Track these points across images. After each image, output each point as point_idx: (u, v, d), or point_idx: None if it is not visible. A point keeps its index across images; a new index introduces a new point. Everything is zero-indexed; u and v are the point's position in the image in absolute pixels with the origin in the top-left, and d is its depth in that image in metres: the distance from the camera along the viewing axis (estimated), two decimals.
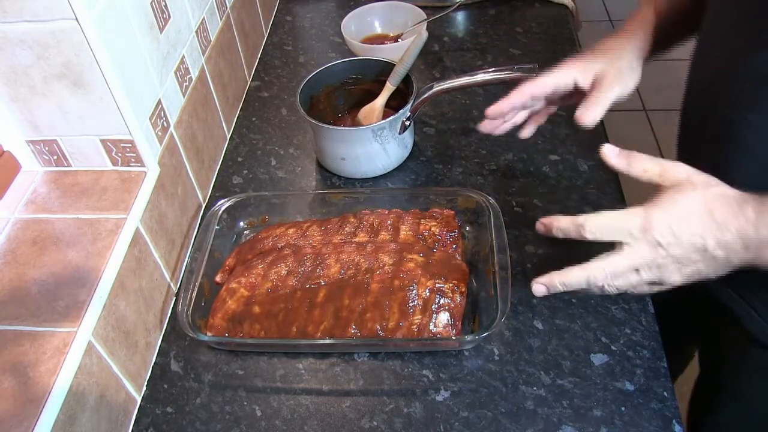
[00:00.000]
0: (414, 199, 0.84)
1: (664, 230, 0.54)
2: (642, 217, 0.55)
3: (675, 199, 0.55)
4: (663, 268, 0.56)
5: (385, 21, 1.14)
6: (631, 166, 0.58)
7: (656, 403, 0.65)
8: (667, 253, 0.54)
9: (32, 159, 0.73)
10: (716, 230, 0.53)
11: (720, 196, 0.54)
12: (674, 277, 0.56)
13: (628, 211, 0.56)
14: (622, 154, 0.59)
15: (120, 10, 0.65)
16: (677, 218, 0.54)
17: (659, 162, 0.57)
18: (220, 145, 0.97)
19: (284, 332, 0.70)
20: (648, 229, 0.54)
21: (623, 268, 0.56)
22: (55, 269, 0.63)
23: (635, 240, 0.55)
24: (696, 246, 0.54)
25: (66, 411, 0.56)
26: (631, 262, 0.55)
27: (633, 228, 0.54)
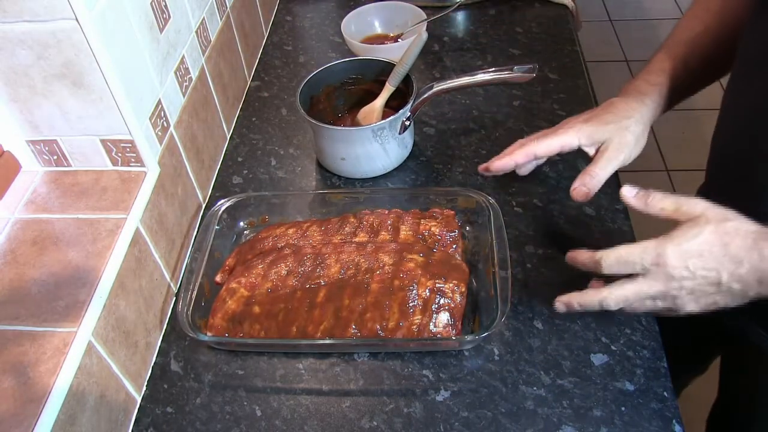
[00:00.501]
0: (414, 199, 0.84)
1: (678, 264, 0.55)
2: (655, 250, 0.56)
3: (689, 233, 0.56)
4: (678, 299, 0.57)
5: (385, 21, 1.14)
6: (648, 206, 0.60)
7: (656, 403, 0.65)
8: (681, 286, 0.56)
9: (32, 159, 0.73)
10: (730, 264, 0.54)
11: (735, 230, 0.54)
12: (690, 306, 0.58)
13: (642, 244, 0.57)
14: (640, 195, 0.61)
15: (120, 10, 0.65)
16: (691, 252, 0.55)
17: (675, 199, 0.58)
18: (220, 145, 0.97)
19: (284, 332, 0.70)
20: (661, 264, 0.56)
21: (636, 298, 0.58)
22: (55, 269, 0.63)
23: (649, 273, 0.56)
24: (710, 280, 0.55)
25: (66, 411, 0.56)
26: (644, 292, 0.57)
27: (647, 262, 0.56)
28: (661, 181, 2.16)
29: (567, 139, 0.71)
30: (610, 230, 0.82)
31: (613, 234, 0.81)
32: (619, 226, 0.82)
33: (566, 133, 0.71)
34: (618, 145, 0.69)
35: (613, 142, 0.69)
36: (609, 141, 0.69)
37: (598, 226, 0.82)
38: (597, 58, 2.64)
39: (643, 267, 0.57)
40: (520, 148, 0.72)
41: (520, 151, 0.72)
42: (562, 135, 0.71)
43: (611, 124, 0.70)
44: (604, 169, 0.69)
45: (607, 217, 0.83)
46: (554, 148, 0.71)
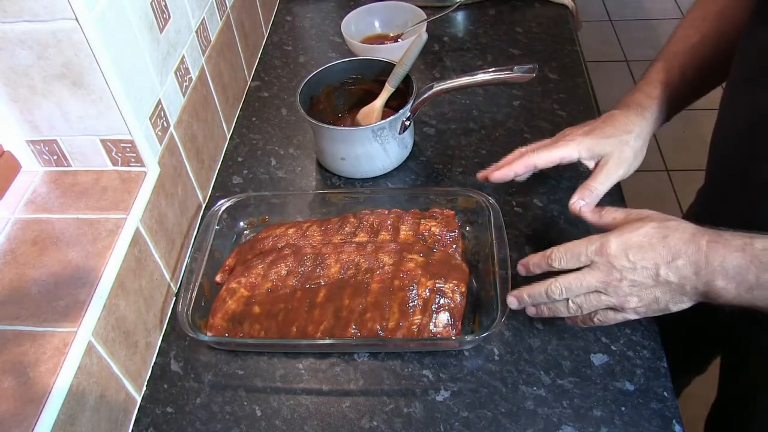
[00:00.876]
0: (414, 199, 0.84)
1: (619, 254, 0.58)
2: (599, 242, 0.59)
3: (631, 227, 0.59)
4: (619, 290, 0.59)
5: (385, 21, 1.14)
6: (602, 218, 0.65)
7: (656, 403, 0.65)
8: (622, 276, 0.58)
9: (32, 159, 0.73)
10: (668, 255, 0.57)
11: (675, 226, 0.58)
12: (632, 301, 0.59)
13: (588, 237, 0.61)
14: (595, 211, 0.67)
15: (120, 11, 0.65)
16: (631, 243, 0.58)
17: (626, 210, 0.64)
18: (220, 145, 0.97)
19: (284, 332, 0.70)
20: (604, 253, 0.59)
21: (579, 286, 0.60)
22: (55, 269, 0.63)
23: (594, 264, 0.60)
24: (648, 270, 0.57)
25: (66, 411, 0.56)
26: (586, 282, 0.60)
27: (591, 252, 0.60)
28: (661, 181, 2.16)
29: (567, 152, 0.71)
30: None
31: None
32: None
33: (566, 146, 0.71)
34: (618, 160, 0.70)
35: (612, 156, 0.70)
36: (609, 155, 0.70)
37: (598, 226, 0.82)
38: (597, 58, 2.64)
39: (588, 257, 0.60)
40: (519, 159, 0.72)
41: (519, 162, 0.72)
42: (562, 147, 0.71)
43: (611, 138, 0.70)
44: (603, 183, 0.70)
45: None
46: (554, 160, 0.72)
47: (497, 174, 0.73)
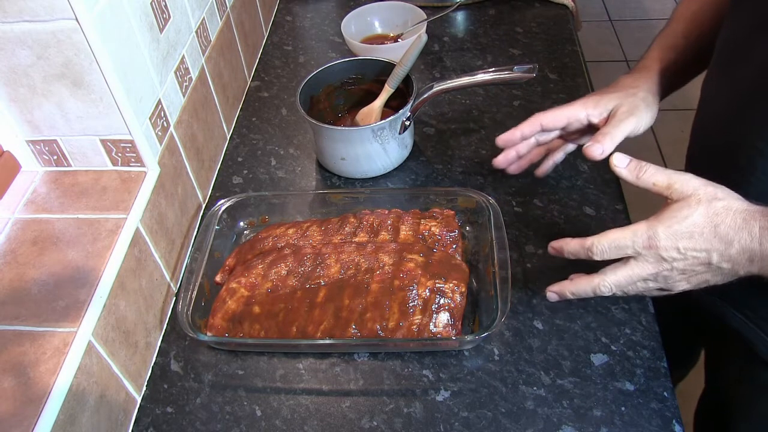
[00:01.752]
0: (414, 199, 0.84)
1: (669, 246, 0.55)
2: (646, 235, 0.56)
3: (679, 215, 0.56)
4: (669, 279, 0.58)
5: (385, 21, 1.14)
6: (640, 179, 0.59)
7: (656, 403, 0.65)
8: (672, 267, 0.56)
9: (32, 159, 0.73)
10: (720, 245, 0.54)
11: (726, 209, 0.54)
12: (681, 285, 0.58)
13: (632, 228, 0.57)
14: (632, 166, 0.60)
15: (120, 11, 0.65)
16: (681, 234, 0.55)
17: (668, 175, 0.58)
18: (220, 145, 0.97)
19: (284, 332, 0.70)
20: (653, 246, 0.56)
21: (628, 281, 0.58)
22: (55, 269, 0.63)
23: (641, 256, 0.57)
24: (700, 260, 0.55)
25: (66, 411, 0.56)
26: (636, 275, 0.58)
27: (638, 246, 0.56)
28: None
29: (573, 110, 0.70)
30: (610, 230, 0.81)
31: None
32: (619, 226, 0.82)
33: (572, 105, 0.70)
34: (628, 109, 0.68)
35: (622, 106, 0.68)
36: (618, 106, 0.69)
37: (598, 226, 0.82)
38: (597, 58, 2.64)
39: (635, 251, 0.57)
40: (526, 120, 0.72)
41: (526, 122, 0.72)
42: (567, 106, 0.71)
43: (618, 92, 0.70)
44: (617, 127, 0.67)
45: (607, 217, 0.83)
46: (560, 120, 0.71)
47: (504, 136, 0.73)
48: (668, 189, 0.57)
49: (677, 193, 0.57)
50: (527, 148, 0.77)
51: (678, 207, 0.56)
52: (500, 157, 0.77)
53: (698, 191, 0.56)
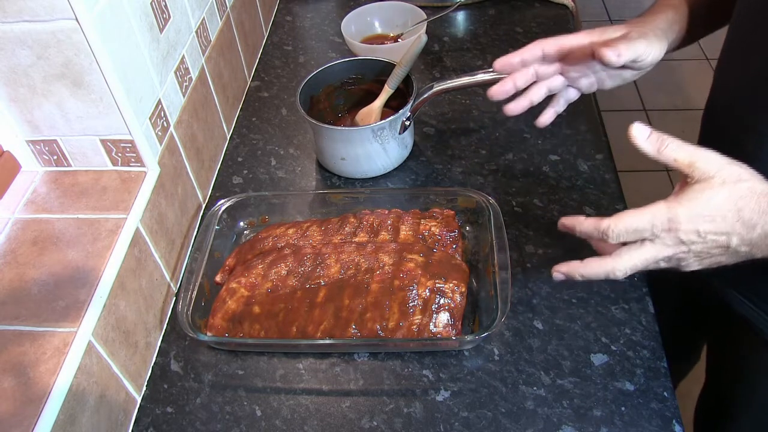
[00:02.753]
0: (414, 199, 0.84)
1: (689, 230, 0.53)
2: (667, 218, 0.53)
3: (702, 197, 0.53)
4: (683, 260, 0.55)
5: (385, 21, 1.14)
6: (660, 153, 0.55)
7: (656, 403, 0.65)
8: (689, 249, 0.54)
9: (32, 159, 0.73)
10: (742, 229, 0.52)
11: (750, 192, 0.52)
12: (693, 266, 0.56)
13: (651, 210, 0.54)
14: (653, 139, 0.56)
15: (120, 10, 0.65)
16: (703, 217, 0.52)
17: (691, 152, 0.54)
18: (220, 145, 0.97)
19: (284, 332, 0.70)
20: (672, 229, 0.53)
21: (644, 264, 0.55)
22: (55, 269, 0.63)
23: (658, 238, 0.54)
24: (719, 243, 0.53)
25: (66, 411, 0.56)
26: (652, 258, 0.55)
27: (658, 229, 0.53)
28: (661, 180, 2.16)
29: (577, 38, 0.66)
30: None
31: None
32: None
33: (576, 33, 0.67)
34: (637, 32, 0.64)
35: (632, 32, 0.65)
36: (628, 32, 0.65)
37: None
38: None
39: (653, 234, 0.54)
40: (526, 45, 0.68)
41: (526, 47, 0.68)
42: (571, 35, 0.67)
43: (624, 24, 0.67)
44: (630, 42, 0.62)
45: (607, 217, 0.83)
46: (563, 44, 0.67)
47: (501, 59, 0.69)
48: (690, 167, 0.54)
49: (699, 172, 0.53)
50: (525, 80, 0.71)
51: (700, 188, 0.53)
52: (496, 87, 0.70)
53: (722, 171, 0.53)
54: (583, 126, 0.96)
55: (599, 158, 0.91)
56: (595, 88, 0.71)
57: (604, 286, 0.76)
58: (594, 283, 0.76)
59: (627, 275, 0.56)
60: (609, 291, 0.75)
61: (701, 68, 2.61)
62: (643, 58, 0.63)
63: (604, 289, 0.75)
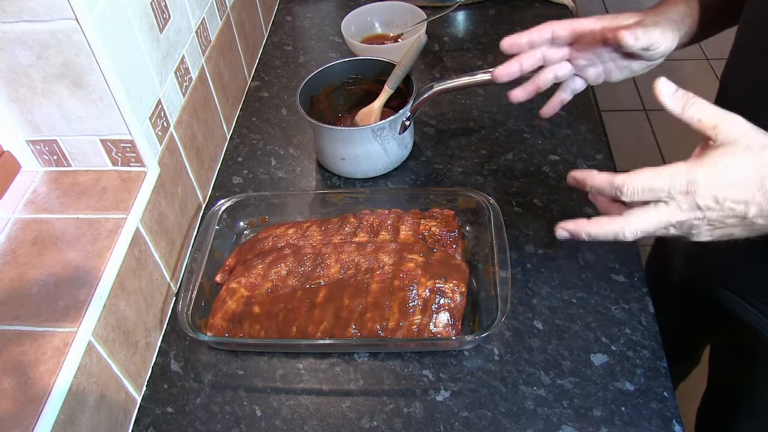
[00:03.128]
0: (414, 199, 0.84)
1: (707, 195, 0.50)
2: (685, 179, 0.51)
3: (725, 162, 0.50)
4: (694, 228, 0.53)
5: (385, 21, 1.14)
6: (685, 112, 0.53)
7: (656, 403, 0.65)
8: (704, 216, 0.52)
9: (32, 159, 0.73)
10: (762, 199, 0.50)
11: None
12: (704, 236, 0.54)
13: (670, 170, 0.51)
14: (678, 96, 0.53)
15: (120, 10, 0.65)
16: (724, 183, 0.50)
17: (716, 113, 0.52)
18: (220, 145, 0.97)
19: (284, 332, 0.70)
20: (690, 192, 0.51)
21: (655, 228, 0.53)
22: (55, 269, 0.63)
23: (673, 200, 0.51)
24: (736, 212, 0.51)
25: (66, 411, 0.56)
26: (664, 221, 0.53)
27: (675, 190, 0.51)
28: None
29: (588, 22, 0.65)
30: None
31: None
32: None
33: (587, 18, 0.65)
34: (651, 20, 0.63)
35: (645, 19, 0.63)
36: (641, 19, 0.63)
37: None
38: None
39: (669, 194, 0.51)
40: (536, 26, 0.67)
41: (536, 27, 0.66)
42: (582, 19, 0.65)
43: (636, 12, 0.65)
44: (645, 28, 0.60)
45: None
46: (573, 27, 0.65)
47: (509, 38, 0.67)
48: (714, 129, 0.51)
49: (723, 135, 0.51)
50: (531, 62, 0.69)
51: (723, 152, 0.50)
52: (501, 68, 0.69)
53: (747, 136, 0.51)
54: (583, 126, 0.96)
55: (599, 158, 0.91)
56: (602, 79, 0.69)
57: (604, 286, 0.76)
58: (594, 283, 0.76)
59: (636, 237, 0.54)
60: (609, 291, 0.75)
61: (701, 68, 2.61)
62: (656, 46, 0.62)
63: (604, 289, 0.75)
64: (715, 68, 2.58)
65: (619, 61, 0.66)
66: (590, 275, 0.77)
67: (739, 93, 0.66)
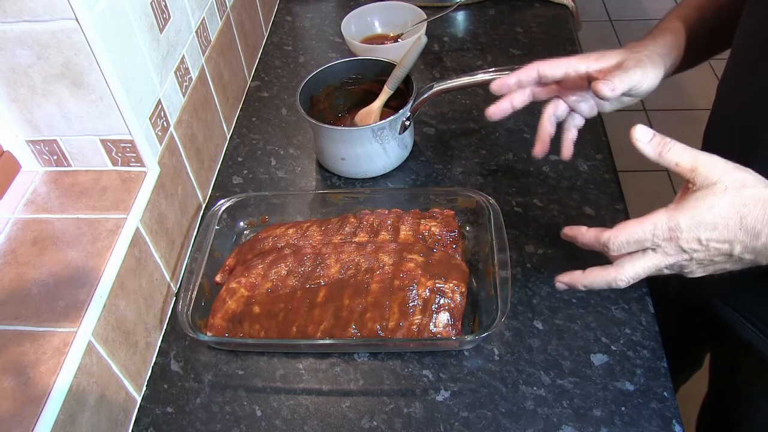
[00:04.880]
0: (414, 199, 0.84)
1: (691, 239, 0.52)
2: (667, 227, 0.53)
3: (703, 204, 0.52)
4: (685, 268, 0.55)
5: (385, 21, 1.14)
6: (662, 157, 0.55)
7: (656, 403, 0.65)
8: (691, 257, 0.54)
9: (32, 159, 0.73)
10: (745, 237, 0.51)
11: (753, 200, 0.51)
12: (697, 273, 0.56)
13: (651, 220, 0.54)
14: (656, 142, 0.55)
15: (120, 10, 0.65)
16: (705, 225, 0.52)
17: (694, 156, 0.53)
18: (220, 145, 0.97)
19: (284, 332, 0.70)
20: (674, 238, 0.53)
21: (646, 273, 0.56)
22: (55, 269, 0.63)
23: (659, 247, 0.54)
24: (722, 251, 0.53)
25: (66, 411, 0.56)
26: (654, 266, 0.55)
27: (658, 238, 0.53)
28: (661, 180, 2.16)
29: (573, 62, 0.66)
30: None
31: None
32: None
33: (572, 57, 0.67)
34: (633, 60, 0.64)
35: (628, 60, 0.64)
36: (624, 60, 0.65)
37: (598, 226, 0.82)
38: None
39: (654, 243, 0.53)
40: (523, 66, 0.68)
41: (523, 68, 0.68)
42: (567, 58, 0.67)
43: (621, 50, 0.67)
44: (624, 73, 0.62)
45: (607, 217, 0.83)
46: (559, 69, 0.67)
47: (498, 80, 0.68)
48: (692, 172, 0.53)
49: (702, 177, 0.52)
50: (522, 100, 0.71)
51: (702, 195, 0.52)
52: (493, 107, 0.71)
53: (725, 177, 0.52)
54: (583, 126, 0.96)
55: (599, 158, 0.91)
56: (596, 111, 0.72)
57: None
58: None
59: (630, 284, 0.57)
60: (609, 291, 0.75)
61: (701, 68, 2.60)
62: (638, 87, 0.64)
63: (603, 289, 0.75)
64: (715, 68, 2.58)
65: None
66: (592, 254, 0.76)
67: (734, 108, 0.66)
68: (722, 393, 0.88)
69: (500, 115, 0.71)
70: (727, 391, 0.85)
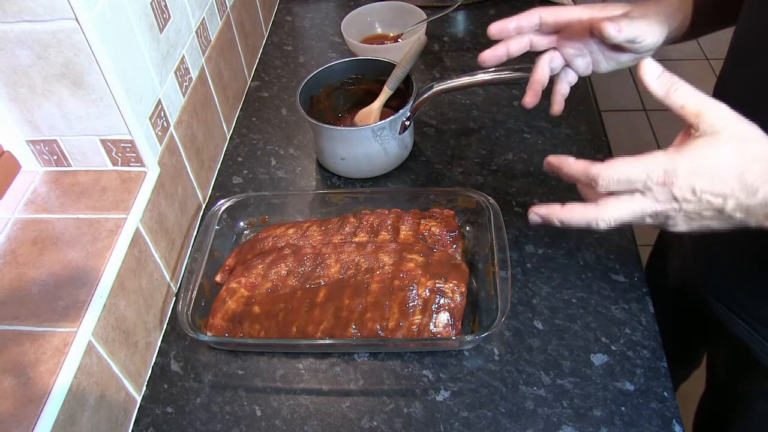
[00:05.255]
0: (414, 199, 0.84)
1: (685, 186, 0.49)
2: (663, 170, 0.49)
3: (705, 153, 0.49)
4: (670, 219, 0.52)
5: (385, 21, 1.14)
6: (668, 97, 0.51)
7: (656, 403, 0.65)
8: (680, 208, 0.50)
9: (32, 159, 0.73)
10: (741, 193, 0.48)
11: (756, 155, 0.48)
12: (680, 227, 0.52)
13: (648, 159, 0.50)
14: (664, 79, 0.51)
15: (120, 10, 0.65)
16: (702, 175, 0.48)
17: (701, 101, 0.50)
18: (220, 145, 0.97)
19: (284, 332, 0.70)
20: (667, 183, 0.49)
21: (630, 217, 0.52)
22: (55, 269, 0.63)
23: (650, 191, 0.50)
24: (713, 206, 0.49)
25: (66, 411, 0.56)
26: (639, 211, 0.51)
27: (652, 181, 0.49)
28: None
29: (576, 11, 0.64)
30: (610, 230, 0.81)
31: (613, 234, 0.81)
32: None
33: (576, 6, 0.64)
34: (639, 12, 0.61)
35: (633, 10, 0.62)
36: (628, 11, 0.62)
37: None
38: None
39: (646, 185, 0.50)
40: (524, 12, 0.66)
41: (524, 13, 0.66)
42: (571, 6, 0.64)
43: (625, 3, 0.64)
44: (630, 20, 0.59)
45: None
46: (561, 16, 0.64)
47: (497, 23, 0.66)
48: (697, 117, 0.49)
49: (706, 124, 0.49)
50: (519, 48, 0.68)
51: (704, 142, 0.49)
52: (488, 51, 0.67)
53: (730, 127, 0.49)
54: (583, 126, 0.96)
55: (599, 158, 0.90)
56: (591, 69, 0.69)
57: (604, 286, 0.76)
58: (594, 283, 0.76)
59: (610, 227, 0.53)
60: (609, 291, 0.75)
61: (701, 68, 2.61)
62: (642, 39, 0.61)
63: (604, 289, 0.75)
64: (714, 68, 2.58)
65: (607, 52, 0.66)
66: (590, 275, 0.77)
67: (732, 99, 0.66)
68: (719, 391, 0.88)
69: (495, 61, 0.68)
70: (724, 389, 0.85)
